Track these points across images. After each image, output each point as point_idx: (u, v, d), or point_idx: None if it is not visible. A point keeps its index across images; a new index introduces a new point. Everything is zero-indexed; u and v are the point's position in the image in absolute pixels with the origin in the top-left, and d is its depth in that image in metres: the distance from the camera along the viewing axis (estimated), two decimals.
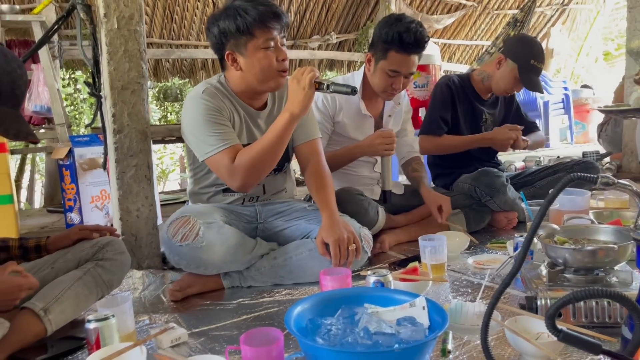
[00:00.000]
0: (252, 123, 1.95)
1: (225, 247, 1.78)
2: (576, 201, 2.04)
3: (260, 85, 1.86)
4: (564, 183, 1.04)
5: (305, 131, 2.03)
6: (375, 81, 2.32)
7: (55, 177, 3.97)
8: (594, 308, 1.34)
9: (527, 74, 2.52)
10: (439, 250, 1.85)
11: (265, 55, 1.80)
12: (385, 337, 1.20)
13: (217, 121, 1.81)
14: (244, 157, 1.76)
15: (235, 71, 1.86)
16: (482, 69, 2.75)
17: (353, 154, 2.31)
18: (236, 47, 1.81)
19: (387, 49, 2.22)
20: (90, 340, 1.29)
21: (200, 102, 1.82)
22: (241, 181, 1.78)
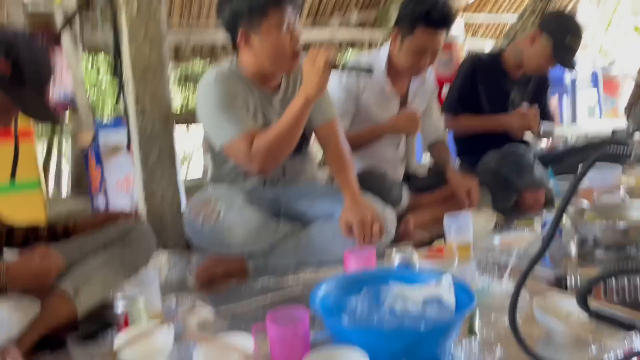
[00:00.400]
0: (267, 106, 1.94)
1: (247, 229, 1.79)
2: (607, 177, 1.99)
3: (274, 66, 1.84)
4: (595, 158, 1.00)
5: (323, 112, 2.00)
6: (401, 59, 2.27)
7: (81, 163, 4.02)
8: (625, 286, 1.30)
9: (561, 52, 2.46)
10: (464, 229, 1.82)
11: (278, 35, 1.77)
12: (411, 317, 1.19)
13: (232, 106, 1.79)
14: (261, 142, 1.75)
15: (248, 52, 1.83)
16: (517, 43, 2.69)
17: (377, 134, 2.28)
18: (249, 27, 1.78)
19: (414, 26, 2.17)
20: (120, 320, 1.31)
21: (214, 88, 1.81)
22: (259, 166, 1.78)
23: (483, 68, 2.65)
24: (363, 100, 2.33)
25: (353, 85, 2.31)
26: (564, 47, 2.45)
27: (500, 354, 1.17)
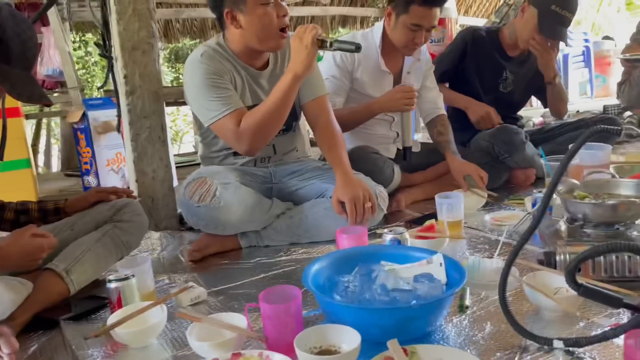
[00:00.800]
0: (255, 83, 1.92)
1: (242, 207, 1.79)
2: (597, 155, 2.00)
3: (261, 43, 1.81)
4: (587, 136, 1.01)
5: (312, 88, 1.98)
6: (396, 36, 2.25)
7: (71, 141, 3.99)
8: (613, 262, 1.32)
9: (546, 20, 2.39)
10: (455, 207, 1.83)
11: (265, 11, 1.74)
12: (402, 294, 1.20)
13: (219, 85, 1.77)
14: (249, 120, 1.74)
15: (235, 30, 1.80)
16: (512, 21, 2.65)
17: (372, 109, 2.26)
18: (235, 4, 1.75)
19: (409, 3, 2.15)
20: (112, 299, 1.32)
21: (200, 66, 1.78)
22: (248, 145, 1.77)
23: (478, 42, 2.62)
24: (357, 77, 2.32)
25: (347, 61, 2.30)
26: (549, 16, 2.38)
27: (490, 329, 1.19)
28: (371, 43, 2.34)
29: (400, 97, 2.16)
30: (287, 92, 1.70)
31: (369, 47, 2.33)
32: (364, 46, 2.25)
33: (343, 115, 2.21)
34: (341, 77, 2.29)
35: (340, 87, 2.29)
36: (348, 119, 2.22)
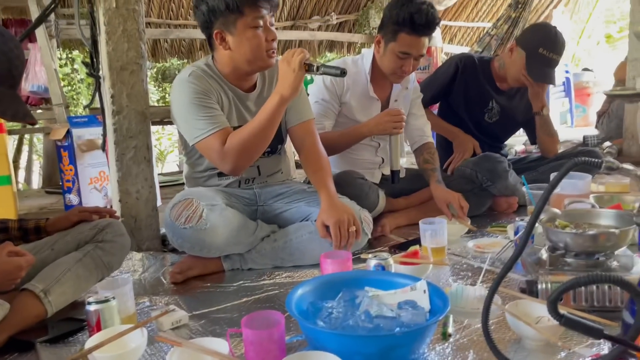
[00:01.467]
0: (242, 105, 1.93)
1: (228, 229, 1.78)
2: (577, 185, 2.04)
3: (249, 65, 1.83)
4: (569, 167, 1.03)
5: (299, 112, 2.00)
6: (384, 63, 2.28)
7: (54, 158, 3.94)
8: (594, 292, 1.34)
9: (533, 63, 2.43)
10: (439, 233, 1.84)
11: (254, 34, 1.77)
12: (386, 321, 1.20)
13: (205, 104, 1.78)
14: (234, 140, 1.74)
15: (223, 51, 1.82)
16: (501, 55, 2.69)
17: (360, 132, 2.26)
18: (225, 26, 1.77)
19: (398, 31, 2.18)
20: (91, 322, 1.29)
21: (188, 86, 1.79)
22: (232, 164, 1.77)
23: (470, 68, 2.66)
24: (346, 102, 2.34)
25: (337, 85, 2.32)
26: (536, 59, 2.42)
27: (472, 358, 1.19)
28: (360, 69, 2.37)
29: (388, 120, 2.18)
30: (273, 113, 1.72)
31: (358, 73, 2.37)
32: (353, 71, 2.31)
33: (331, 138, 2.22)
34: (330, 99, 2.31)
35: (330, 110, 2.31)
36: (336, 141, 2.24)
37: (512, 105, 2.74)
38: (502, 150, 2.88)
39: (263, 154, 1.97)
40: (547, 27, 2.56)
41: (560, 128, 6.43)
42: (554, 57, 2.43)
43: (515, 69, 2.51)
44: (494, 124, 2.74)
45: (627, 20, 4.28)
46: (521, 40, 2.54)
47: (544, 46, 2.41)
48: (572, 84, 6.36)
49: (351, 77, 2.31)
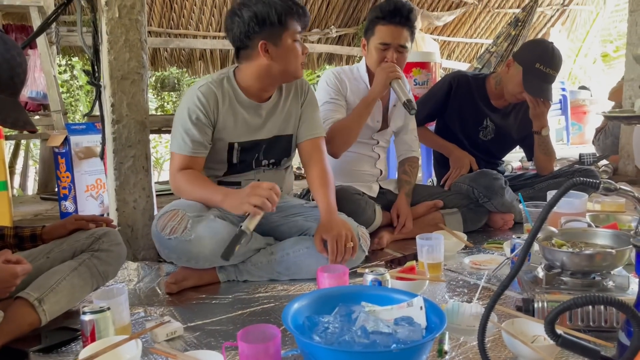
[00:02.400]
0: (253, 115, 1.95)
1: (215, 240, 1.76)
2: (573, 204, 2.04)
3: (283, 75, 1.91)
4: (567, 187, 1.04)
5: (310, 128, 2.05)
6: (371, 61, 2.35)
7: (50, 165, 3.94)
8: (590, 312, 1.34)
9: (530, 78, 2.43)
10: (436, 249, 1.85)
11: (294, 46, 1.87)
12: (382, 337, 1.19)
13: (197, 124, 1.85)
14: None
15: (263, 61, 1.85)
16: (498, 72, 2.70)
17: (367, 101, 2.27)
18: (270, 37, 1.83)
19: (374, 25, 2.30)
20: (86, 331, 1.28)
21: (193, 98, 1.87)
22: (174, 190, 1.91)
23: (463, 86, 2.68)
24: (349, 102, 2.38)
25: (340, 84, 2.37)
26: (533, 74, 2.42)
27: None
28: (357, 76, 2.44)
29: (383, 73, 2.22)
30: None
31: (357, 80, 2.42)
32: (351, 77, 2.41)
33: (344, 121, 2.27)
34: (337, 97, 2.36)
35: (338, 105, 2.35)
36: (350, 121, 2.27)
37: (508, 123, 2.75)
38: (499, 167, 2.89)
39: (268, 165, 2.01)
40: (544, 43, 2.57)
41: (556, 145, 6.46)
42: (550, 72, 2.43)
43: (513, 84, 2.52)
44: (489, 141, 2.75)
45: (624, 40, 4.33)
46: (518, 55, 2.56)
47: (541, 61, 2.42)
48: (569, 101, 6.40)
49: (352, 81, 2.41)
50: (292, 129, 2.05)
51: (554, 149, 2.69)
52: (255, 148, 1.98)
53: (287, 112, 2.02)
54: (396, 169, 2.67)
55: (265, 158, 2.02)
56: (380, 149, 2.54)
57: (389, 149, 2.78)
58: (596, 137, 4.65)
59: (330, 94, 2.35)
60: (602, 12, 8.28)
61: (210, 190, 1.85)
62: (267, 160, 2.03)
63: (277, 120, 2.00)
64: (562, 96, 6.32)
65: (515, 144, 2.89)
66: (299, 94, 2.06)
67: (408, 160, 2.57)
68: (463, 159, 2.67)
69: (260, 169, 2.03)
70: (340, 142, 2.25)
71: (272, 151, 2.02)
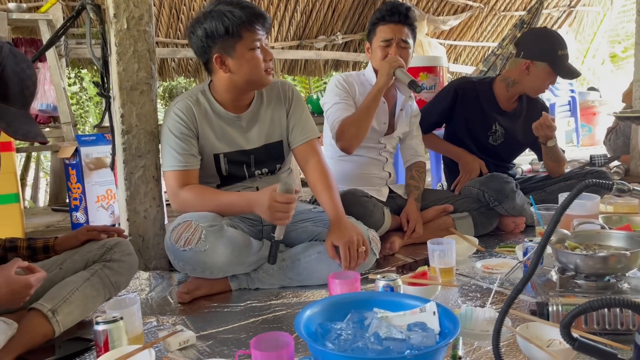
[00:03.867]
0: (234, 128, 1.95)
1: (229, 250, 1.77)
2: (586, 206, 2.03)
3: (249, 84, 1.89)
4: (579, 189, 1.03)
5: (303, 131, 2.03)
6: (375, 61, 2.37)
7: (61, 176, 3.97)
8: (606, 315, 1.32)
9: (560, 66, 2.49)
10: (447, 254, 1.84)
11: (253, 55, 1.82)
12: (395, 343, 1.19)
13: (181, 138, 1.86)
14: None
15: (223, 74, 1.86)
16: (506, 74, 2.67)
17: (373, 93, 2.28)
18: (224, 50, 1.81)
19: (375, 27, 2.36)
20: (99, 342, 1.28)
21: (171, 115, 1.89)
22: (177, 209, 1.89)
23: (470, 92, 2.67)
24: (357, 104, 2.38)
25: (348, 85, 2.39)
26: (560, 61, 2.49)
27: None
28: (364, 79, 2.45)
29: (386, 63, 2.25)
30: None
31: (363, 83, 2.44)
32: (359, 81, 2.43)
33: (353, 116, 2.27)
34: (346, 97, 2.37)
35: (347, 104, 2.35)
36: (358, 115, 2.27)
37: (516, 126, 2.73)
38: (510, 170, 2.86)
39: (262, 173, 2.00)
40: (546, 31, 2.69)
41: (566, 147, 6.43)
42: (567, 52, 2.53)
43: (539, 82, 2.55)
44: (499, 146, 2.73)
45: (632, 40, 4.30)
46: (535, 54, 2.52)
47: (560, 47, 2.50)
48: (578, 103, 6.36)
49: (360, 84, 2.43)
50: (280, 136, 2.04)
51: (562, 154, 2.67)
52: (242, 158, 1.97)
53: (270, 120, 2.01)
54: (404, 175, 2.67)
55: (257, 168, 2.01)
56: (388, 153, 2.54)
57: (397, 156, 2.78)
58: (607, 138, 4.61)
59: (340, 94, 2.37)
60: (610, 13, 8.23)
61: (229, 197, 1.83)
62: (259, 169, 2.02)
63: (260, 129, 1.99)
64: (571, 97, 6.29)
65: (524, 147, 2.87)
66: (282, 99, 2.03)
67: (415, 165, 2.57)
68: (473, 162, 2.66)
69: (254, 177, 2.02)
70: (352, 135, 2.24)
71: (263, 160, 2.01)
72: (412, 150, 2.59)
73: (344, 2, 6.10)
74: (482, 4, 6.79)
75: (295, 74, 6.69)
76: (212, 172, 1.96)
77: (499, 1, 6.86)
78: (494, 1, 6.83)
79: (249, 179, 2.02)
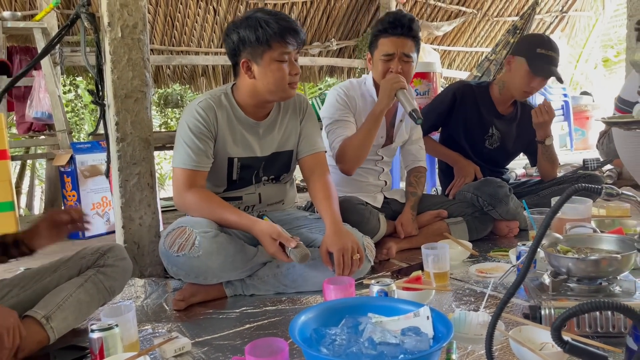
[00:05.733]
0: (251, 133, 1.96)
1: (223, 256, 1.78)
2: (578, 209, 2.04)
3: (271, 95, 1.89)
4: (569, 193, 1.04)
5: (311, 144, 2.06)
6: (376, 74, 2.35)
7: (56, 184, 3.96)
8: (597, 318, 1.34)
9: (536, 63, 2.50)
10: (441, 258, 1.85)
11: (279, 67, 1.83)
12: (389, 348, 1.19)
13: (199, 137, 1.86)
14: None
15: (248, 79, 1.88)
16: (499, 77, 2.73)
17: (374, 113, 2.24)
18: (252, 56, 1.84)
19: (377, 39, 2.32)
20: (94, 349, 1.29)
21: (192, 112, 1.88)
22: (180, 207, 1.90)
23: (468, 96, 2.69)
24: (358, 118, 2.39)
25: (348, 102, 2.38)
26: (537, 59, 2.50)
27: None
28: (364, 90, 2.44)
29: (387, 84, 2.21)
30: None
31: (363, 95, 2.43)
32: (359, 93, 2.42)
33: (354, 137, 2.26)
34: (346, 114, 2.36)
35: (348, 122, 2.36)
36: (359, 136, 2.25)
37: (513, 130, 2.76)
38: (503, 175, 2.89)
39: (267, 180, 2.01)
40: (536, 33, 2.76)
41: (559, 151, 6.46)
42: (552, 54, 2.51)
43: (519, 78, 2.56)
44: (495, 150, 2.76)
45: (624, 45, 4.34)
46: (517, 49, 2.62)
47: (541, 46, 2.50)
48: (571, 107, 6.41)
49: (361, 98, 2.42)
50: (292, 145, 2.06)
51: (557, 156, 2.71)
52: (254, 164, 1.99)
53: (285, 130, 2.03)
54: (400, 179, 2.68)
55: (265, 174, 2.04)
56: (385, 163, 2.55)
57: (394, 160, 2.79)
58: (600, 141, 4.64)
59: (339, 110, 2.35)
60: (602, 18, 8.30)
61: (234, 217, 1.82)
62: (266, 176, 2.04)
63: (275, 138, 2.01)
64: (564, 102, 6.34)
65: (519, 151, 2.89)
66: (297, 111, 2.07)
67: (414, 170, 2.57)
68: (467, 167, 2.68)
69: (260, 183, 2.04)
70: (352, 158, 2.24)
71: (271, 167, 2.04)
72: (412, 155, 2.60)
73: (338, 9, 6.14)
74: (475, 9, 6.84)
75: None
76: (222, 176, 1.97)
77: (491, 7, 6.91)
78: (486, 7, 6.88)
79: (254, 185, 2.03)
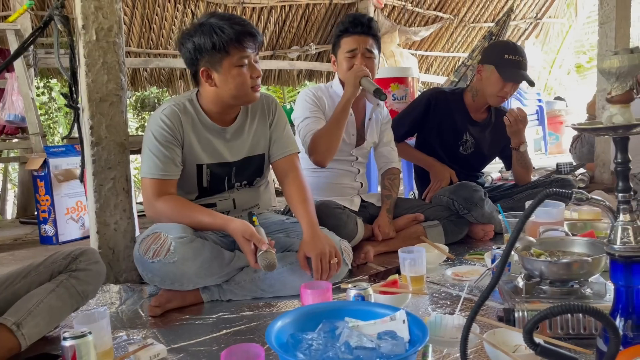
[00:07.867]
0: (218, 139, 1.95)
1: (199, 261, 1.76)
2: (551, 213, 2.08)
3: (234, 99, 1.88)
4: (540, 198, 1.07)
5: (283, 146, 2.05)
6: (341, 73, 2.40)
7: (29, 188, 3.89)
8: (569, 320, 1.36)
9: (505, 69, 2.56)
10: (418, 262, 1.86)
11: (239, 72, 1.82)
12: (366, 352, 1.20)
13: (165, 145, 1.84)
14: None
15: (209, 87, 1.86)
16: (472, 84, 2.78)
17: (342, 105, 2.29)
18: (211, 64, 1.82)
19: (339, 39, 2.38)
20: (67, 357, 1.26)
21: (157, 121, 1.86)
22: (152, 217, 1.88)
23: (442, 103, 2.73)
24: (327, 117, 2.40)
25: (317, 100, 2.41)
26: (506, 65, 2.56)
27: None
28: (332, 92, 2.47)
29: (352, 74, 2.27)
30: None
31: (331, 96, 2.46)
32: (327, 95, 2.45)
33: (323, 129, 2.29)
34: (316, 111, 2.39)
35: (318, 118, 2.37)
36: (328, 128, 2.28)
37: (487, 136, 2.80)
38: (479, 179, 2.93)
39: (240, 185, 2.00)
40: (502, 40, 2.84)
41: (534, 155, 6.58)
42: (519, 59, 2.59)
43: (490, 85, 2.62)
44: (469, 155, 2.80)
45: (596, 51, 4.45)
46: (485, 58, 2.68)
47: (507, 52, 2.58)
48: (545, 112, 6.53)
49: (329, 97, 2.45)
50: (263, 149, 2.05)
51: (531, 162, 2.77)
52: (224, 170, 1.98)
53: (255, 134, 2.02)
54: (377, 183, 2.70)
55: (237, 180, 2.03)
56: (359, 164, 2.57)
57: (370, 164, 2.81)
58: (573, 145, 4.75)
59: (309, 109, 2.39)
60: (575, 25, 8.49)
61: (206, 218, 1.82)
62: (239, 181, 2.04)
63: (244, 142, 2.00)
64: (538, 107, 6.45)
65: (493, 156, 2.94)
66: (266, 113, 2.05)
67: (387, 173, 2.61)
68: (443, 172, 2.71)
69: (233, 189, 2.03)
70: (324, 148, 2.26)
71: (243, 172, 2.03)
72: (385, 157, 2.63)
73: (317, 13, 6.16)
74: (452, 15, 6.93)
75: (269, 84, 6.71)
76: (193, 183, 1.95)
77: (468, 13, 7.01)
78: (463, 13, 6.98)
79: (227, 191, 2.02)
